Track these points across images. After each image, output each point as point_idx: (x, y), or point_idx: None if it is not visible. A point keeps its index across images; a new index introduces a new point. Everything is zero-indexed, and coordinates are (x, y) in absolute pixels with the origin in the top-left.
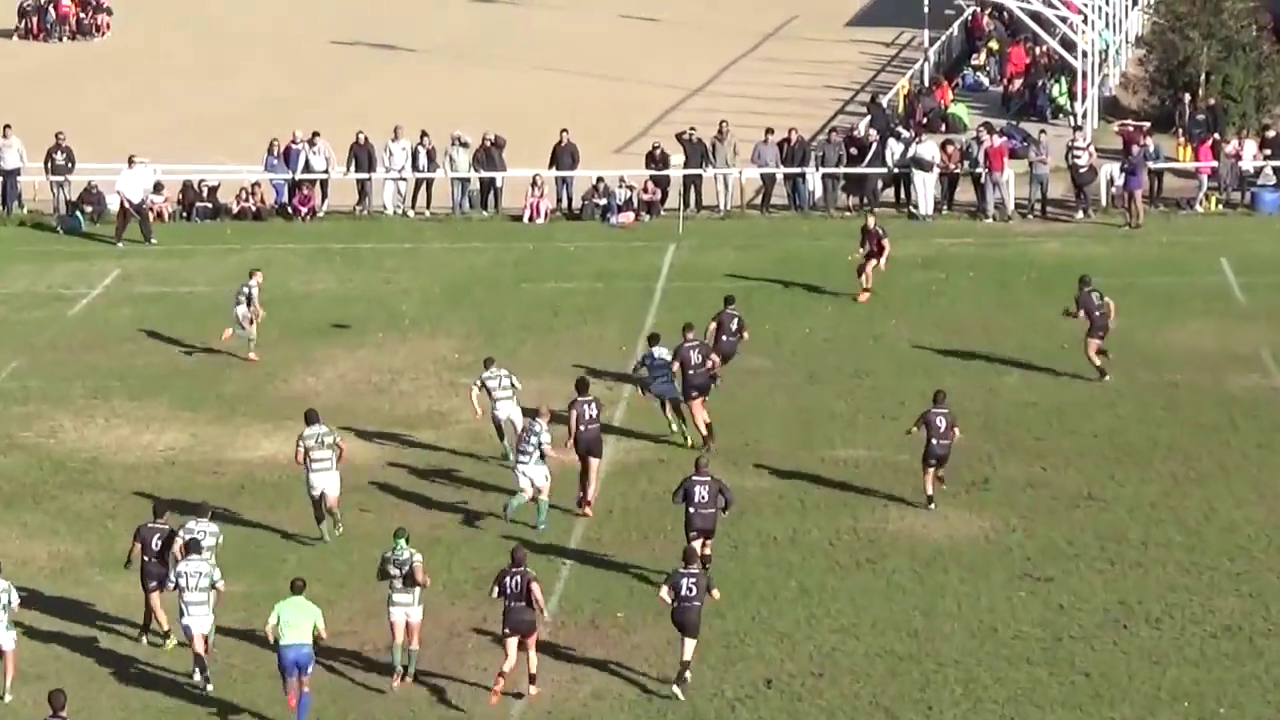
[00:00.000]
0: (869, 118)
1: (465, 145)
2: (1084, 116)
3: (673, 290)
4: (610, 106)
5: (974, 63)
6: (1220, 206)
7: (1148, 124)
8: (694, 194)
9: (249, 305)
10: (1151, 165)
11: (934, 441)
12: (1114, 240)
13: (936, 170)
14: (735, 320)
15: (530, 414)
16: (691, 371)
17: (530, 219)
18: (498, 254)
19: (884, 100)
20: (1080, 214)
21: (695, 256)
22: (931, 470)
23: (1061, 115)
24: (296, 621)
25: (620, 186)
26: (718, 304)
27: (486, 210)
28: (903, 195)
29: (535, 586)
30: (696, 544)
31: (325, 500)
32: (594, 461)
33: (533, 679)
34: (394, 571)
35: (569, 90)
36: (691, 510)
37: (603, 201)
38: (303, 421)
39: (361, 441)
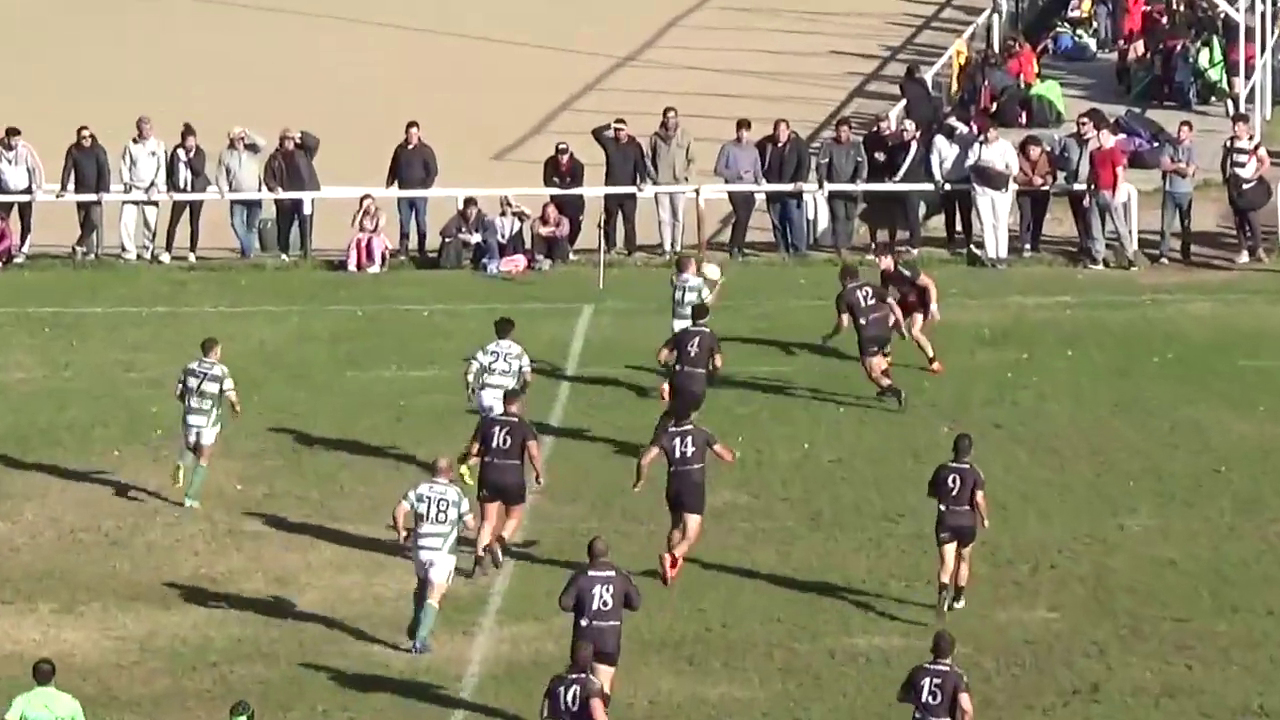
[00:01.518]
0: (904, 103)
1: (253, 149)
2: (1250, 101)
3: (588, 380)
4: (488, 86)
5: (1072, 14)
6: None
7: None
8: (622, 225)
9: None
10: None
11: (944, 509)
12: None
13: (1013, 186)
14: (697, 341)
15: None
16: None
17: (359, 266)
18: (306, 323)
19: (927, 75)
20: (1245, 256)
21: (624, 325)
22: (948, 551)
23: (1214, 98)
24: None
25: (504, 214)
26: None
27: (288, 253)
28: (959, 226)
29: (597, 704)
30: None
31: None
32: (691, 518)
33: None
34: None
35: (420, 60)
36: (585, 623)
37: (475, 238)
38: None
39: (84, 626)
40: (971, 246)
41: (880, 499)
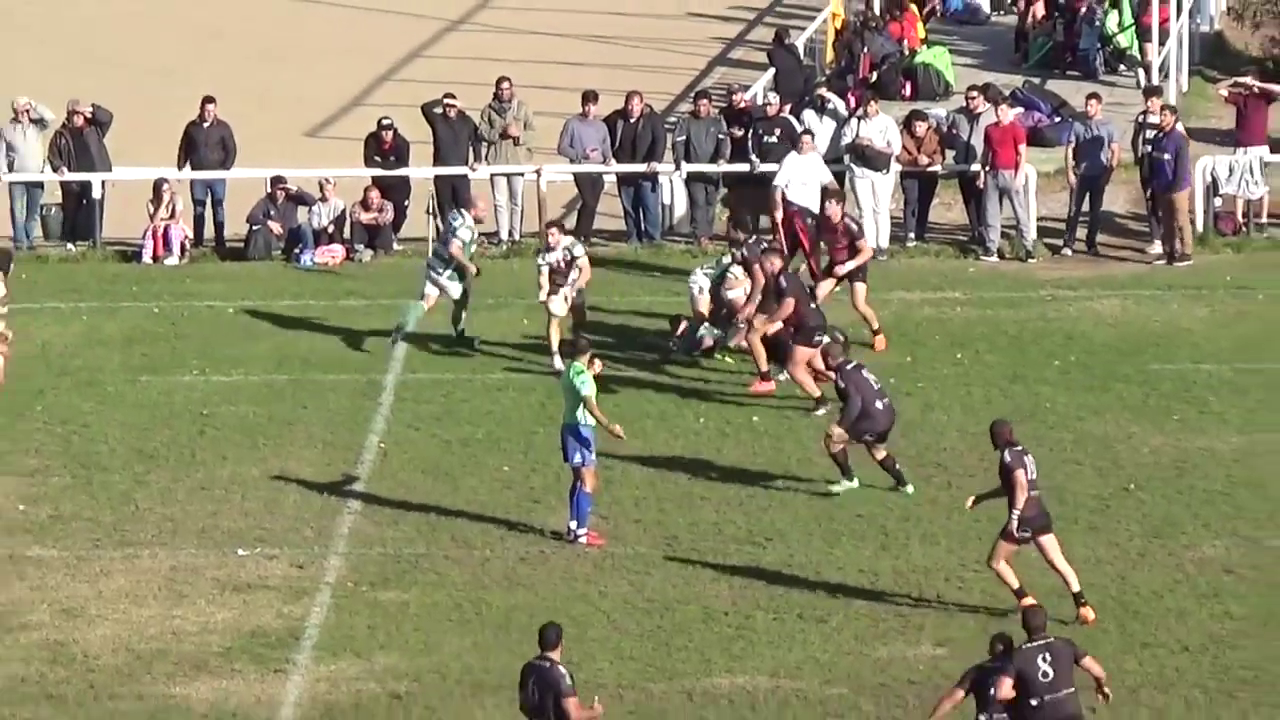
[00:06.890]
0: (771, 71)
1: (40, 123)
2: (1163, 70)
3: (413, 389)
4: (299, 53)
5: None
6: None
7: None
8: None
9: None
10: None
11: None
12: (1223, 297)
13: (896, 167)
14: None
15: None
16: None
17: (155, 257)
18: (96, 322)
19: (799, 41)
20: (1158, 246)
21: (486, 327)
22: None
23: (1123, 68)
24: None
25: (321, 199)
26: (521, 416)
27: (74, 243)
28: None
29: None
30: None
31: None
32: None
33: None
34: None
35: (220, 25)
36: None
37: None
38: None
39: None
40: None
41: (745, 520)
